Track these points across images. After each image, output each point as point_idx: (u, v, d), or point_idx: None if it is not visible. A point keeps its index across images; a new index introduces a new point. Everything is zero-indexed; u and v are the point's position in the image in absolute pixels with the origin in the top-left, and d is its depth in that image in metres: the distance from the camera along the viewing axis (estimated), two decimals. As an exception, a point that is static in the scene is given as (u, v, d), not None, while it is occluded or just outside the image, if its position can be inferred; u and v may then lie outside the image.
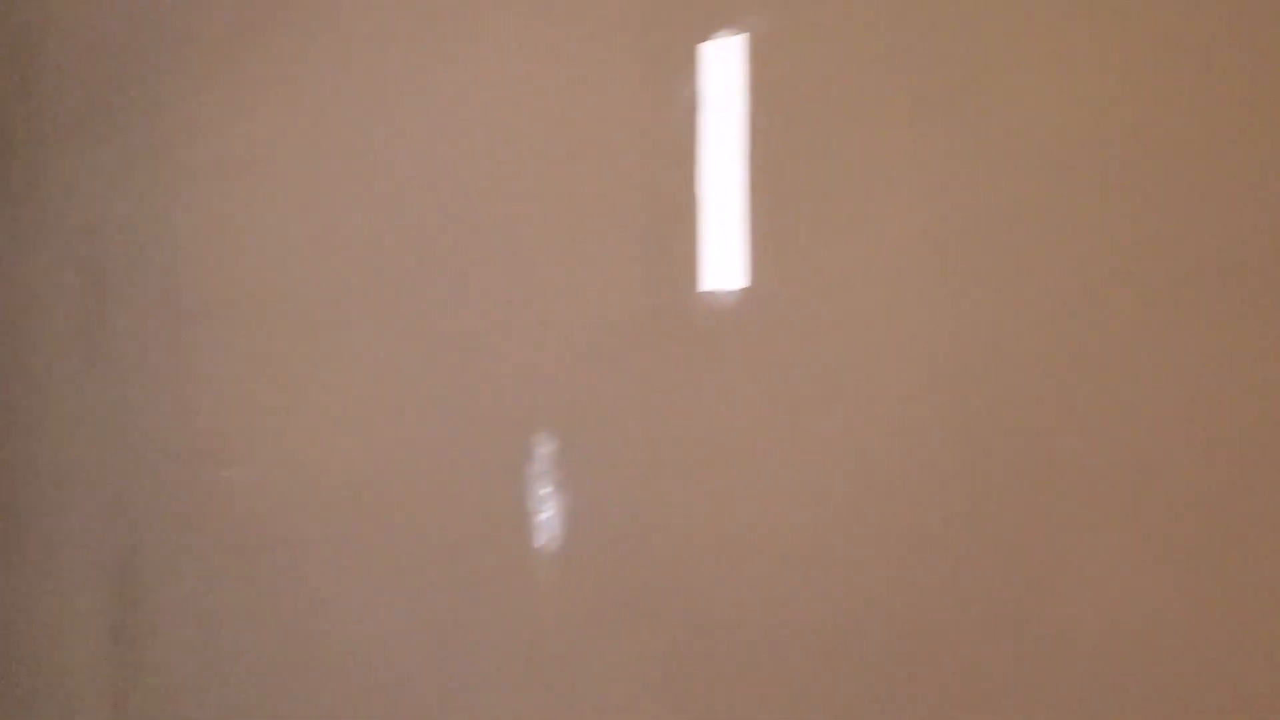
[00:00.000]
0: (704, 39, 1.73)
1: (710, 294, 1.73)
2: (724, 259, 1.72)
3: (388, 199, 2.03)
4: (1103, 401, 1.48)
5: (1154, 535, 1.46)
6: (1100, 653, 1.49)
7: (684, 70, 1.75)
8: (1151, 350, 1.46)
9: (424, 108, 1.98)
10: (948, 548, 1.58)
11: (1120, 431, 1.48)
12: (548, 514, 1.87)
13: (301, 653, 2.13)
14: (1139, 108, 1.47)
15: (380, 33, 2.03)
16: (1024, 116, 1.53)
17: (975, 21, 1.55)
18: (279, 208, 2.15)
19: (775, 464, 1.69)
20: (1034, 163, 1.52)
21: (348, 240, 2.08)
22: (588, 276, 1.82)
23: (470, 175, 1.94)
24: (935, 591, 1.59)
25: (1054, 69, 1.51)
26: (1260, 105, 1.40)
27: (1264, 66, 1.40)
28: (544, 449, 1.87)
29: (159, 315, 2.33)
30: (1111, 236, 1.48)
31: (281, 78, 2.15)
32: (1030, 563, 1.53)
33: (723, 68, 1.72)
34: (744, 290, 1.71)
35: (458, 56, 1.95)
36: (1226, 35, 1.42)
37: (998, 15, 1.54)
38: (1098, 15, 1.48)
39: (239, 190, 2.21)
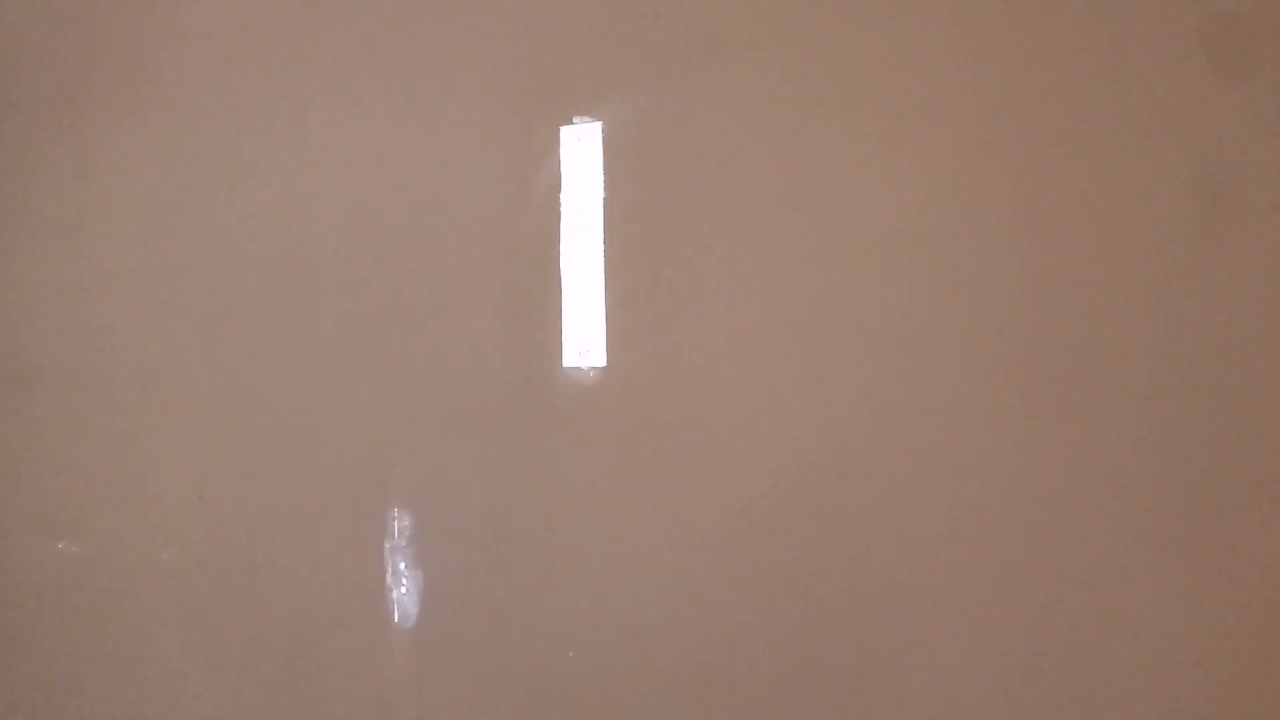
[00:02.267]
0: (564, 123, 1.77)
1: (570, 371, 1.75)
2: (583, 337, 1.75)
3: (240, 268, 1.99)
4: (943, 481, 1.56)
5: (985, 618, 1.54)
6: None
7: (546, 152, 1.78)
8: (993, 432, 1.54)
9: (284, 180, 1.96)
10: (789, 616, 1.63)
11: (960, 508, 1.55)
12: (403, 590, 1.85)
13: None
14: (968, 205, 1.56)
15: (240, 102, 2.01)
16: (863, 201, 1.61)
17: (819, 114, 1.63)
18: (123, 273, 2.08)
19: (628, 536, 1.73)
20: (875, 245, 1.60)
21: (193, 308, 2.03)
22: (448, 351, 1.83)
23: (331, 247, 1.92)
24: (778, 659, 1.64)
25: (893, 157, 1.59)
26: (1090, 201, 1.51)
27: (1082, 164, 1.51)
28: (400, 524, 1.85)
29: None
30: (940, 320, 1.56)
31: (130, 136, 2.09)
32: (865, 631, 1.59)
33: (581, 152, 1.76)
34: (602, 368, 1.74)
35: (319, 129, 1.94)
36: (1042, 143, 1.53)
37: (841, 110, 1.62)
38: (936, 116, 1.58)
39: (80, 253, 2.13)
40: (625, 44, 1.74)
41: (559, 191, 1.77)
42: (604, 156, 1.75)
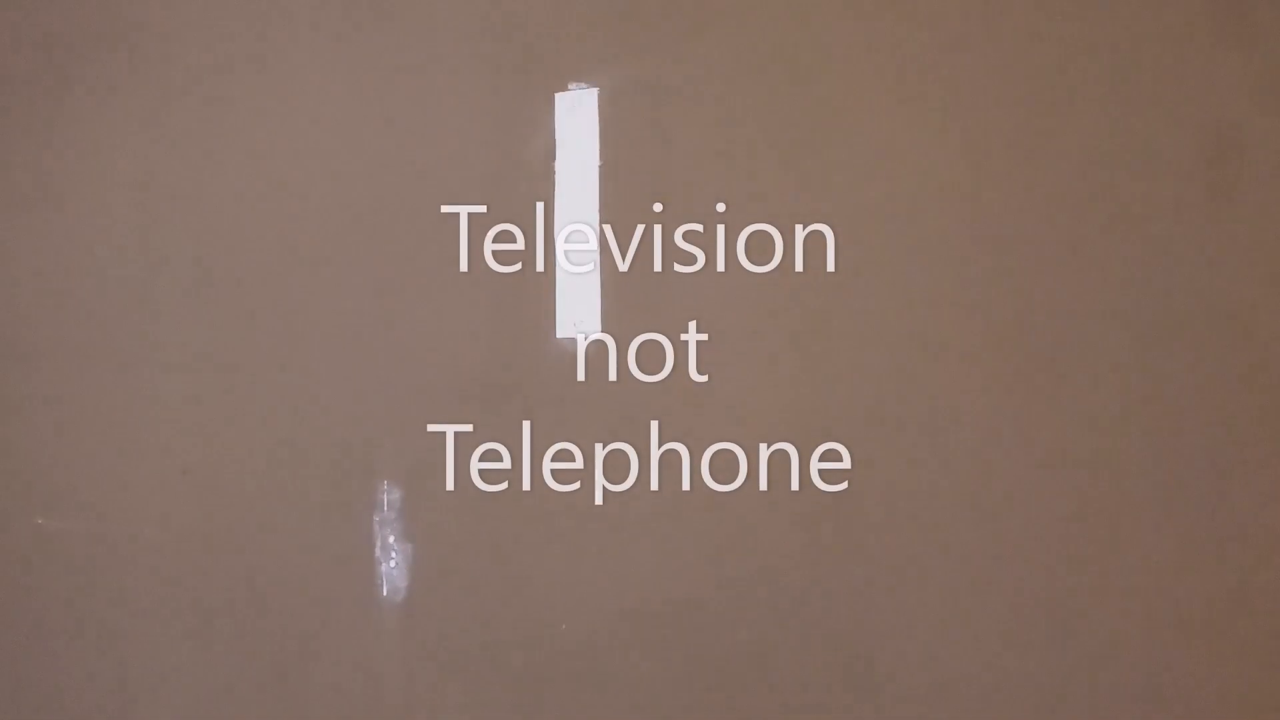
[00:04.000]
0: (559, 89, 1.75)
1: (564, 341, 1.74)
2: (578, 307, 1.74)
3: (225, 240, 1.96)
4: (942, 473, 1.55)
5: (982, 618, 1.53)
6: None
7: (540, 119, 1.76)
8: (994, 424, 1.54)
9: (268, 152, 1.94)
10: (789, 590, 1.63)
11: (967, 483, 1.55)
12: (392, 563, 1.83)
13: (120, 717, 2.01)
14: (971, 179, 1.56)
15: (221, 69, 1.98)
16: (862, 167, 1.60)
17: (819, 81, 1.63)
18: (106, 245, 2.05)
19: (622, 508, 1.71)
20: (876, 211, 1.60)
21: (176, 279, 1.99)
22: (440, 321, 1.81)
23: (318, 219, 1.89)
24: (778, 632, 1.63)
25: (892, 124, 1.59)
26: (1093, 173, 1.51)
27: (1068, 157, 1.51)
28: (389, 496, 1.83)
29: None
30: (944, 293, 1.56)
31: (110, 105, 2.06)
32: (867, 622, 1.59)
33: (576, 119, 1.75)
34: (597, 338, 1.72)
35: (303, 96, 1.91)
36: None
37: (842, 76, 1.61)
38: (935, 89, 1.57)
39: (61, 228, 2.10)
40: (622, 8, 1.72)
41: (554, 159, 1.76)
42: (599, 124, 1.73)
